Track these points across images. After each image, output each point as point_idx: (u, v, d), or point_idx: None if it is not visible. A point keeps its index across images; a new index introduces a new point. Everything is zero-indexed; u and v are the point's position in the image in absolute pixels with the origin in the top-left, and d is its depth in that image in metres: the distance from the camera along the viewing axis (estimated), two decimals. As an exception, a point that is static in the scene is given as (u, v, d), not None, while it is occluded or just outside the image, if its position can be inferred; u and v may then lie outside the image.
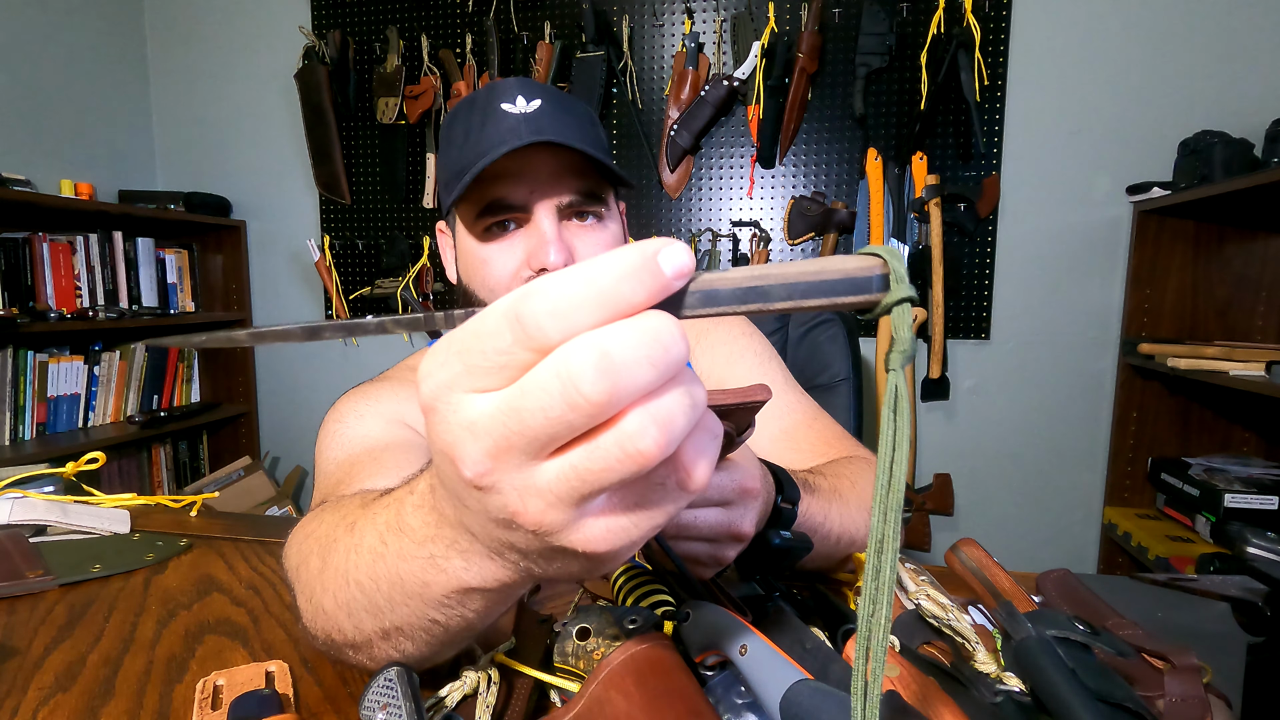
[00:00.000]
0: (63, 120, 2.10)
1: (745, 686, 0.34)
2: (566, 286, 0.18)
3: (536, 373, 0.19)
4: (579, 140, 0.62)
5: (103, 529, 0.71)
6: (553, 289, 0.18)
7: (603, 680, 0.31)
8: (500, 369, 0.19)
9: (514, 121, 0.63)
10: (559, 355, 0.18)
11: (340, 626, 0.37)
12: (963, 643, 0.40)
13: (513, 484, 0.20)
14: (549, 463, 0.20)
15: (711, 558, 0.45)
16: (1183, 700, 0.35)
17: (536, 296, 0.18)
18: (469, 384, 0.20)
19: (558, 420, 0.18)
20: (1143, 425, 1.82)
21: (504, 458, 0.20)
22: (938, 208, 1.83)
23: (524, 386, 0.19)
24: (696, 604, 0.39)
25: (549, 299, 0.18)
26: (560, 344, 0.18)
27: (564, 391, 0.18)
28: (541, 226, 0.64)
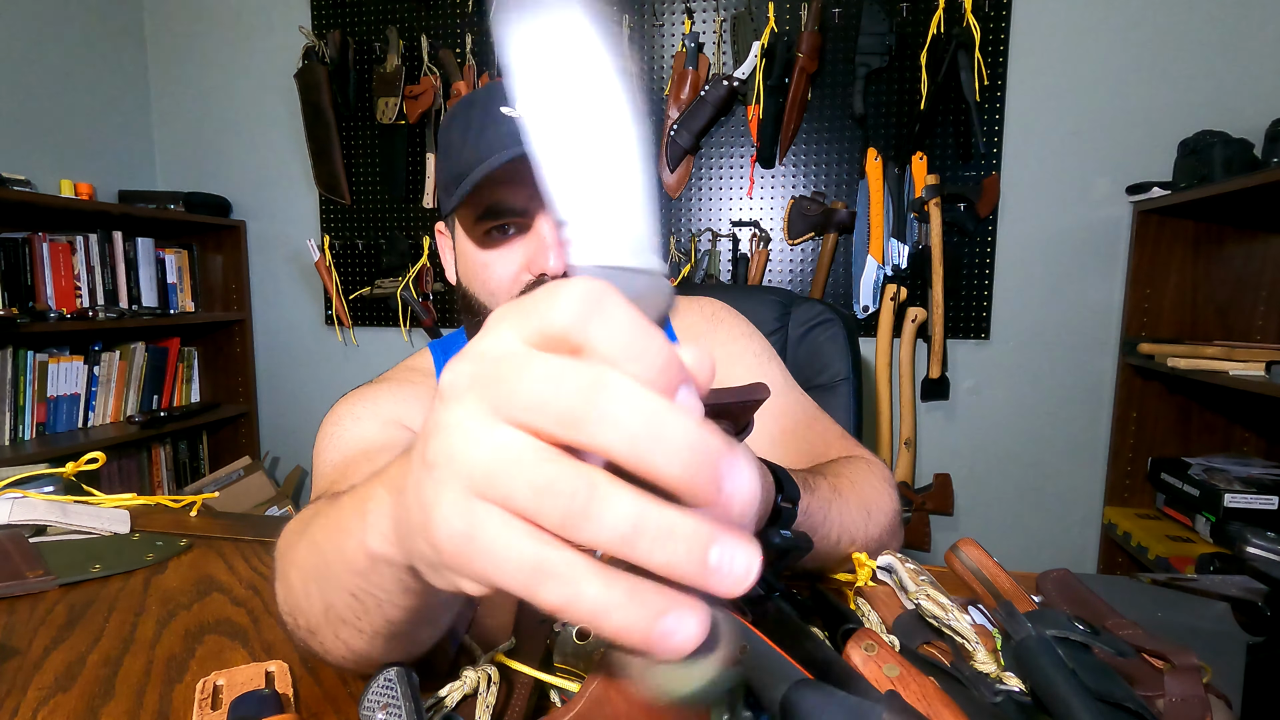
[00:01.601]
0: (63, 120, 2.10)
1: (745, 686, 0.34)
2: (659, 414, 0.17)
3: (568, 471, 0.18)
4: None
5: (103, 529, 0.71)
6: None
7: (603, 680, 0.31)
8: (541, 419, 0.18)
9: (514, 126, 0.62)
10: (602, 490, 0.17)
11: (298, 603, 0.38)
12: (963, 643, 0.40)
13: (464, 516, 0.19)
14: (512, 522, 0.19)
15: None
16: (1183, 700, 0.35)
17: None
18: (503, 416, 0.19)
19: (545, 509, 0.18)
20: (1143, 425, 1.82)
21: (480, 496, 0.19)
22: (938, 208, 1.83)
23: (549, 471, 0.18)
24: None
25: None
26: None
27: (571, 508, 0.17)
28: (541, 232, 0.64)
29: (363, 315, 2.26)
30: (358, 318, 2.26)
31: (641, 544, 0.17)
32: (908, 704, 0.28)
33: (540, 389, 0.18)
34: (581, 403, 0.18)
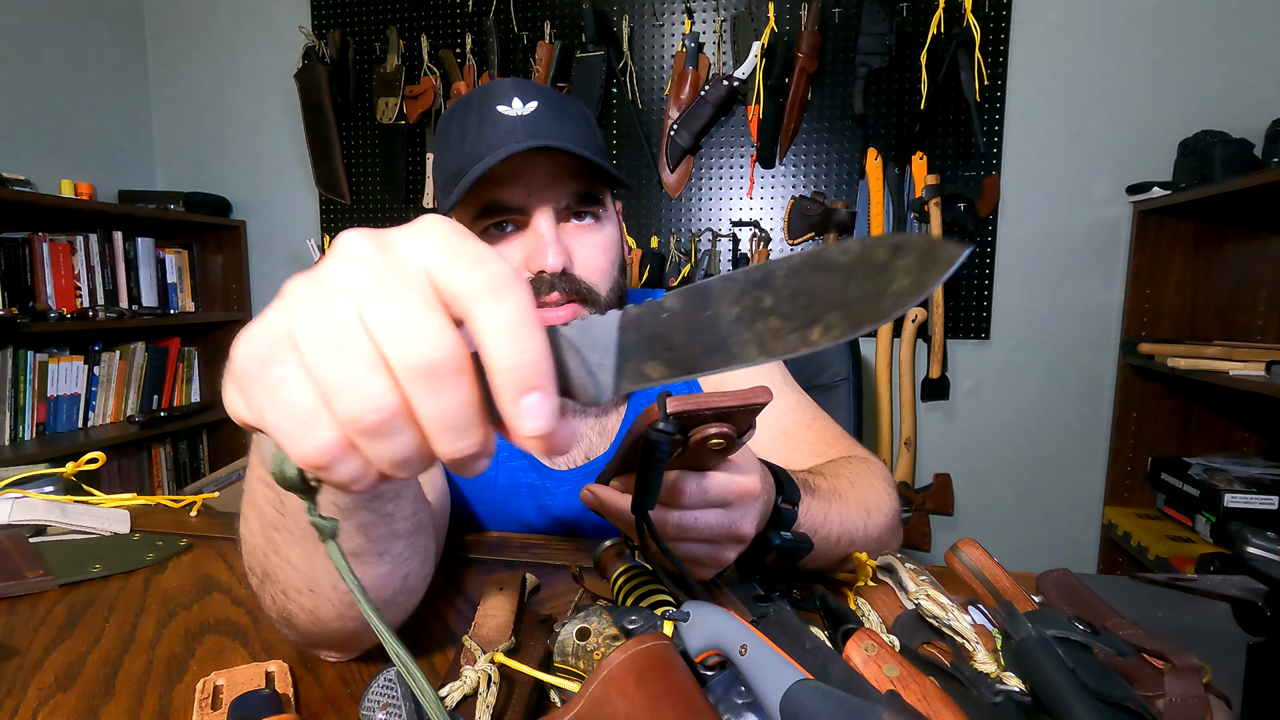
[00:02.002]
0: (63, 120, 2.10)
1: (745, 686, 0.34)
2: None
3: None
4: (575, 143, 0.62)
5: (103, 529, 0.71)
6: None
7: (603, 680, 0.31)
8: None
9: (510, 124, 0.63)
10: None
11: (249, 546, 0.41)
12: (963, 643, 0.40)
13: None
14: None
15: (711, 559, 0.45)
16: (1183, 700, 0.35)
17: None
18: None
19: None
20: (1143, 425, 1.82)
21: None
22: (938, 208, 1.83)
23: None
24: (696, 604, 0.39)
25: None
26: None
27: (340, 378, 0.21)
28: (540, 229, 0.64)
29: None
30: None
31: (392, 468, 0.23)
32: (908, 704, 0.28)
33: (367, 287, 0.21)
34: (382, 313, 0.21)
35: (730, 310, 0.22)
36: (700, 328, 0.22)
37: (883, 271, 0.20)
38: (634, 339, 0.23)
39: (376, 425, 0.21)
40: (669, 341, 0.23)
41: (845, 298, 0.20)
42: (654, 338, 0.23)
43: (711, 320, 0.22)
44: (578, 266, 0.66)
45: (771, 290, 0.21)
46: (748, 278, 0.22)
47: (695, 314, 0.22)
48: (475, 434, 0.22)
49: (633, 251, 2.01)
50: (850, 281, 0.20)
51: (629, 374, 0.23)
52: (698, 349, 0.22)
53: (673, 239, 2.04)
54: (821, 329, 0.21)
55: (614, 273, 0.70)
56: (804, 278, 0.21)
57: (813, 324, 0.21)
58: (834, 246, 0.21)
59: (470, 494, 0.76)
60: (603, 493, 0.46)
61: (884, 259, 0.20)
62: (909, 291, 0.20)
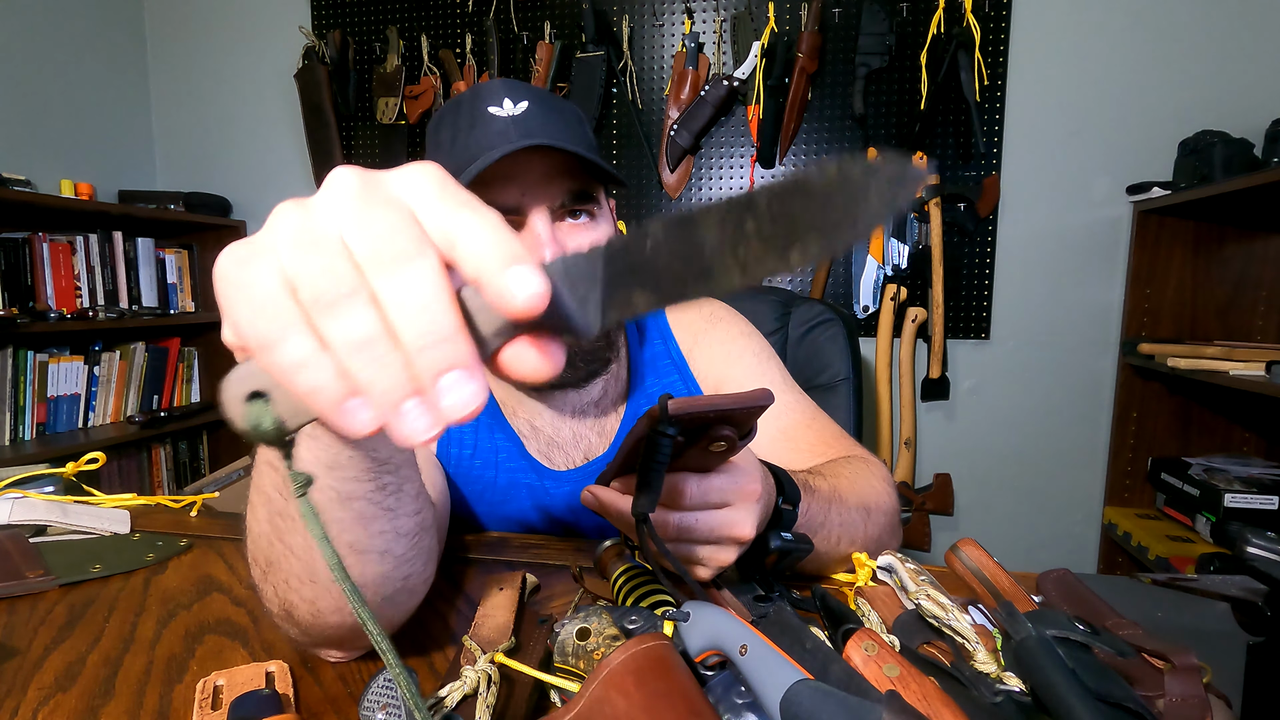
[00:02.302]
0: (63, 120, 2.10)
1: (745, 686, 0.34)
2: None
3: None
4: (568, 141, 0.62)
5: (103, 529, 0.71)
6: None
7: (603, 680, 0.31)
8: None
9: (502, 124, 0.62)
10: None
11: (253, 533, 0.41)
12: (963, 643, 0.40)
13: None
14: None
15: (712, 560, 0.45)
16: (1183, 700, 0.35)
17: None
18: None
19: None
20: (1143, 425, 1.82)
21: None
22: (938, 208, 1.83)
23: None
24: (696, 604, 0.39)
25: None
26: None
27: (321, 296, 0.22)
28: (535, 229, 0.63)
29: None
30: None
31: (357, 356, 0.21)
32: (908, 704, 0.28)
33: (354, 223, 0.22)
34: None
35: (714, 235, 0.22)
36: (685, 253, 0.22)
37: (857, 192, 0.20)
38: (619, 268, 0.23)
39: (334, 299, 0.21)
40: (654, 269, 0.23)
41: (823, 220, 0.21)
42: (639, 265, 0.23)
43: (696, 245, 0.22)
44: None
45: (754, 214, 0.22)
46: (731, 202, 0.22)
47: (680, 239, 0.22)
48: (448, 335, 0.21)
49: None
50: (828, 204, 0.21)
51: (616, 304, 0.23)
52: (683, 275, 0.22)
53: (673, 239, 2.04)
54: (799, 250, 0.21)
55: None
56: (786, 201, 0.21)
57: (790, 246, 0.21)
58: (813, 170, 0.21)
59: (470, 494, 0.76)
60: (603, 494, 0.46)
61: (860, 179, 0.20)
62: (879, 212, 0.20)
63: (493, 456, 0.75)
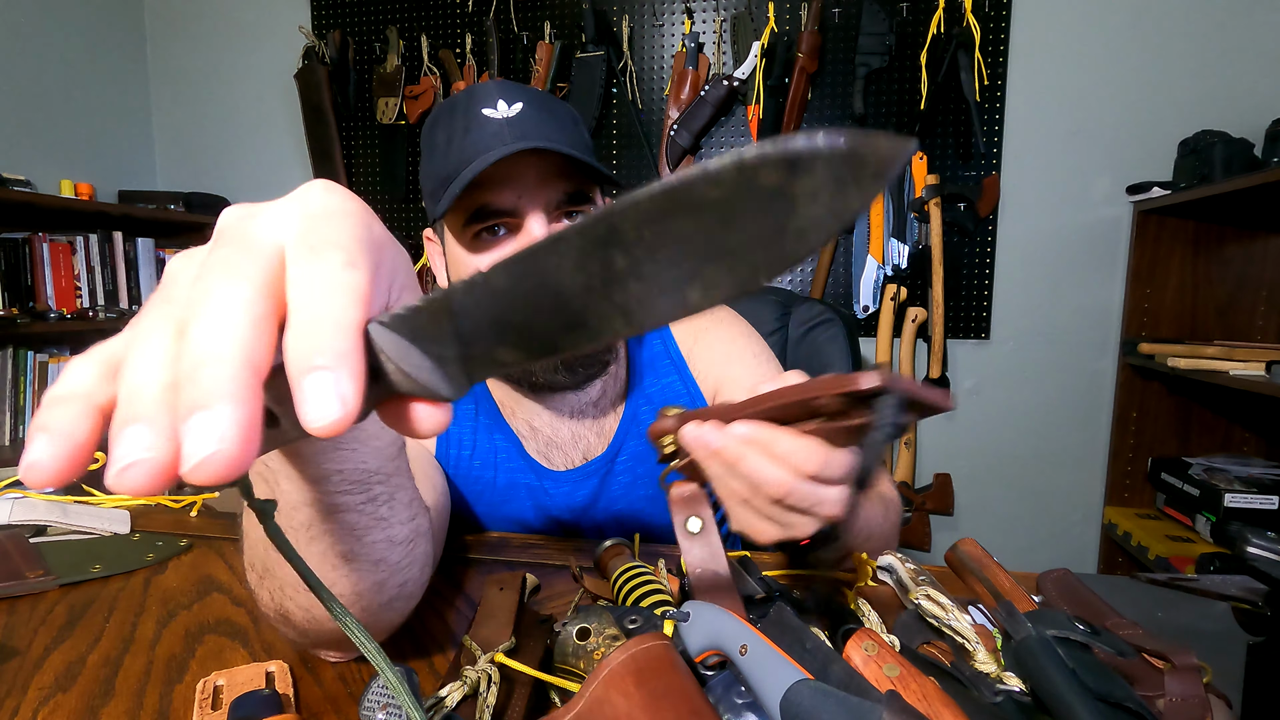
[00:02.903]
0: (63, 120, 2.10)
1: (745, 686, 0.34)
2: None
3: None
4: (563, 142, 0.62)
5: (103, 529, 0.71)
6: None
7: (603, 680, 0.31)
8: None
9: (497, 127, 0.62)
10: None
11: (251, 543, 0.41)
12: (963, 643, 0.40)
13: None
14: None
15: (794, 528, 0.44)
16: (1183, 700, 0.35)
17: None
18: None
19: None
20: (1143, 425, 1.82)
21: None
22: (938, 207, 1.83)
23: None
24: (696, 604, 0.39)
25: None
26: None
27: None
28: (532, 231, 0.64)
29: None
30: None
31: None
32: (908, 704, 0.28)
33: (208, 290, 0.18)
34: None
35: (575, 278, 0.17)
36: (545, 303, 0.18)
37: (775, 200, 0.14)
38: (472, 325, 0.19)
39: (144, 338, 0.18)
40: (513, 323, 0.18)
41: (726, 245, 0.15)
42: (495, 320, 0.18)
43: (554, 292, 0.17)
44: None
45: (621, 248, 0.16)
46: (583, 235, 0.16)
47: (533, 289, 0.18)
48: (225, 366, 0.17)
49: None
50: (729, 222, 0.15)
51: (479, 363, 0.20)
52: (551, 326, 0.18)
53: (673, 239, 2.04)
54: (701, 289, 0.16)
55: None
56: (662, 224, 0.15)
57: (688, 283, 0.16)
58: (699, 173, 0.15)
59: (469, 495, 0.76)
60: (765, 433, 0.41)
61: (775, 183, 0.14)
62: (822, 223, 0.14)
63: (491, 457, 0.75)
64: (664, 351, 0.80)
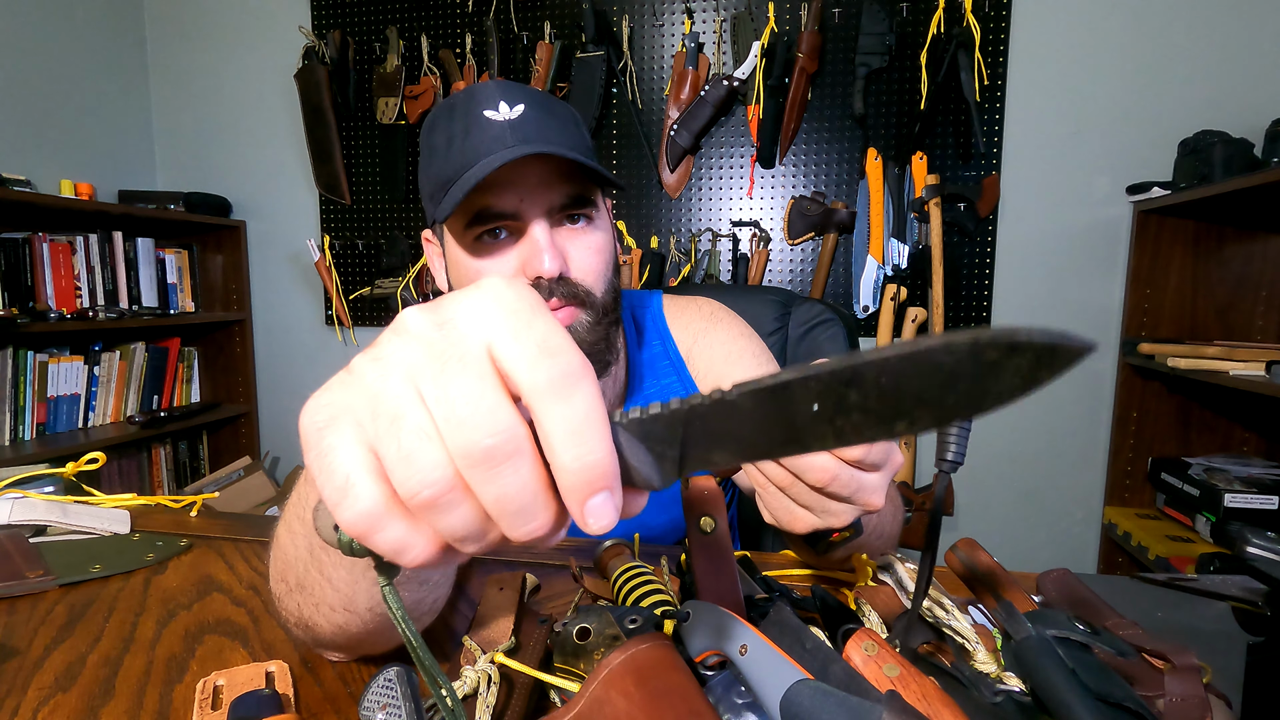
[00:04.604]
0: (63, 120, 2.10)
1: (745, 686, 0.34)
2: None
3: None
4: (565, 145, 0.62)
5: (103, 529, 0.71)
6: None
7: (603, 680, 0.31)
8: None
9: (499, 130, 0.62)
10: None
11: (286, 555, 0.42)
12: (963, 643, 0.40)
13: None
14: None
15: (833, 517, 0.43)
16: (1183, 700, 0.35)
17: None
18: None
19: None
20: (1143, 425, 1.82)
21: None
22: (938, 208, 1.83)
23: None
24: (696, 604, 0.39)
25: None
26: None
27: (402, 471, 0.21)
28: (534, 234, 0.63)
29: (363, 315, 2.26)
30: (358, 318, 2.26)
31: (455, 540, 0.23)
32: (908, 704, 0.28)
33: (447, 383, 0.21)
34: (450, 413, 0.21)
35: (808, 408, 0.20)
36: (776, 424, 0.21)
37: (990, 372, 0.18)
38: (699, 431, 0.22)
39: (431, 499, 0.21)
40: (737, 434, 0.21)
41: (941, 397, 0.19)
42: (721, 432, 0.22)
43: (789, 418, 0.20)
44: (573, 270, 0.65)
45: (859, 390, 0.19)
46: (834, 377, 0.20)
47: (772, 412, 0.21)
48: (541, 516, 0.22)
49: (633, 251, 2.01)
50: (952, 383, 0.18)
51: (693, 462, 0.23)
52: (769, 442, 0.21)
53: (673, 239, 2.04)
54: (907, 424, 0.19)
55: (609, 274, 0.70)
56: (899, 378, 0.19)
57: (898, 419, 0.19)
58: (939, 344, 0.18)
59: None
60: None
61: (995, 359, 0.18)
62: (1015, 391, 0.18)
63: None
64: (663, 353, 0.80)
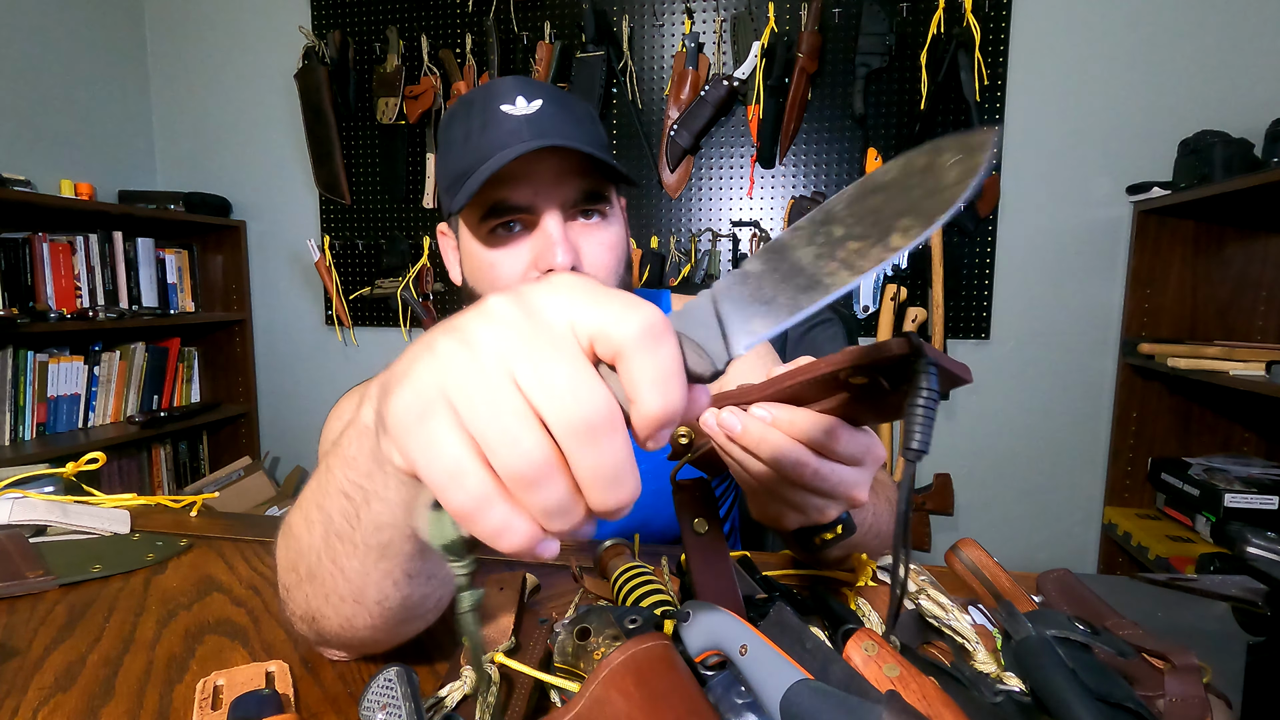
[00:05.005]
0: (63, 120, 2.10)
1: (745, 686, 0.34)
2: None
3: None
4: (581, 141, 0.62)
5: (103, 529, 0.71)
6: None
7: (603, 680, 0.31)
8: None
9: (515, 124, 0.62)
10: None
11: (300, 544, 0.41)
12: (963, 643, 0.40)
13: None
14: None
15: (818, 513, 0.43)
16: (1183, 700, 0.35)
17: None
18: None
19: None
20: (1143, 425, 1.82)
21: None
22: (938, 208, 1.83)
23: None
24: (696, 604, 0.39)
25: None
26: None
27: (511, 462, 0.22)
28: (548, 228, 0.64)
29: (363, 315, 2.26)
30: (358, 318, 2.26)
31: (550, 520, 0.23)
32: (908, 704, 0.28)
33: (548, 371, 0.22)
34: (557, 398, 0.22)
35: (808, 251, 0.24)
36: (787, 275, 0.24)
37: (930, 171, 0.22)
38: (730, 307, 0.25)
39: (533, 477, 0.22)
40: (763, 296, 0.25)
41: (908, 202, 0.22)
42: (748, 298, 0.25)
43: (795, 265, 0.24)
44: (586, 264, 0.66)
45: (838, 221, 0.23)
46: (811, 220, 0.24)
47: (778, 266, 0.24)
48: (629, 482, 0.23)
49: (633, 252, 2.01)
50: (906, 189, 0.22)
51: (737, 335, 0.25)
52: (793, 292, 0.24)
53: (673, 239, 2.04)
54: (900, 233, 0.22)
55: (620, 270, 0.70)
56: (862, 201, 0.23)
57: (889, 232, 0.22)
58: (876, 171, 0.23)
59: None
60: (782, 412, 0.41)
61: (926, 163, 0.22)
62: (964, 176, 0.21)
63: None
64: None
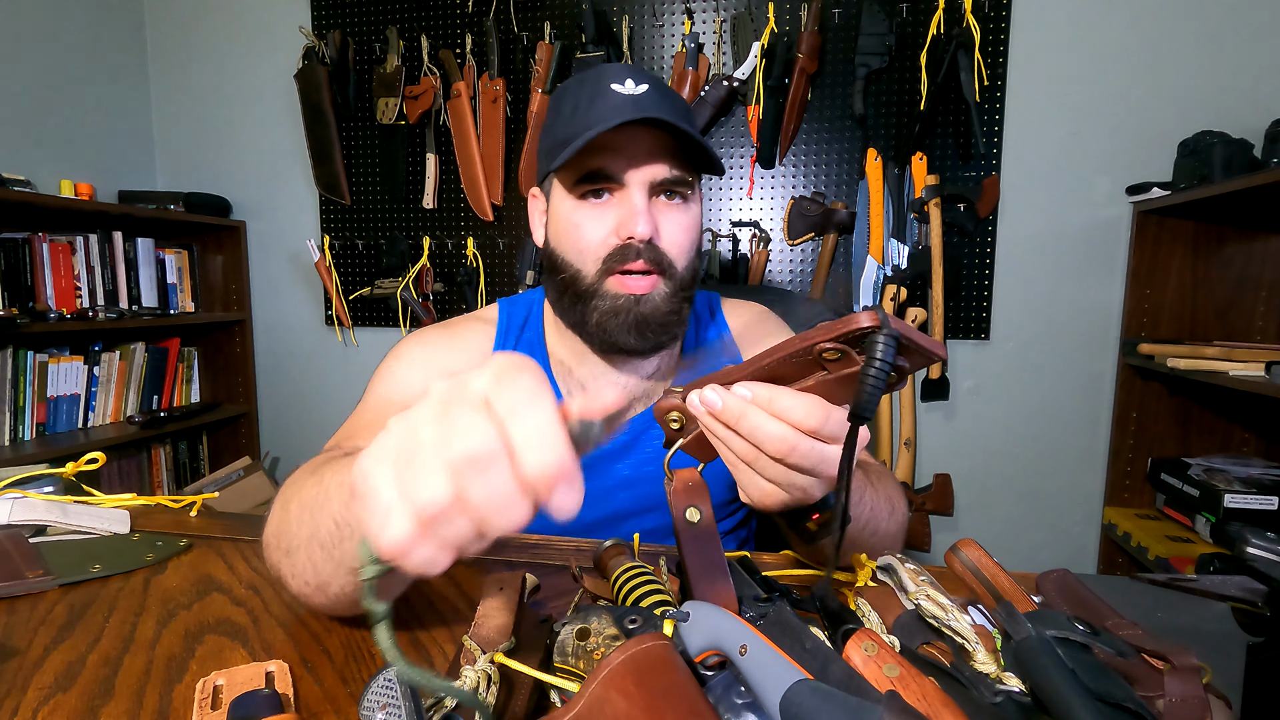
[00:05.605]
0: (63, 120, 2.10)
1: (745, 686, 0.34)
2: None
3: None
4: (682, 122, 0.66)
5: (102, 529, 0.71)
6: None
7: (603, 680, 0.31)
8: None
9: (621, 101, 0.67)
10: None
11: (288, 527, 0.47)
12: (963, 643, 0.40)
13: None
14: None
15: (800, 492, 0.44)
16: (1183, 700, 0.35)
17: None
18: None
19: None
20: (1143, 425, 1.82)
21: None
22: (937, 208, 1.83)
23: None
24: (696, 604, 0.39)
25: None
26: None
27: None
28: (633, 199, 0.68)
29: (363, 315, 2.26)
30: (358, 318, 2.26)
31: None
32: (908, 704, 0.28)
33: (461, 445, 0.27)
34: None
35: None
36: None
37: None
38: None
39: (439, 513, 0.27)
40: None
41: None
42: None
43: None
44: (663, 241, 0.70)
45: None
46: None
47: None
48: (518, 508, 0.28)
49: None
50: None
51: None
52: None
53: (673, 239, 2.04)
54: None
55: (693, 253, 0.75)
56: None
57: None
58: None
59: None
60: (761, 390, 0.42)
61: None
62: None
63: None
64: (718, 340, 0.85)
